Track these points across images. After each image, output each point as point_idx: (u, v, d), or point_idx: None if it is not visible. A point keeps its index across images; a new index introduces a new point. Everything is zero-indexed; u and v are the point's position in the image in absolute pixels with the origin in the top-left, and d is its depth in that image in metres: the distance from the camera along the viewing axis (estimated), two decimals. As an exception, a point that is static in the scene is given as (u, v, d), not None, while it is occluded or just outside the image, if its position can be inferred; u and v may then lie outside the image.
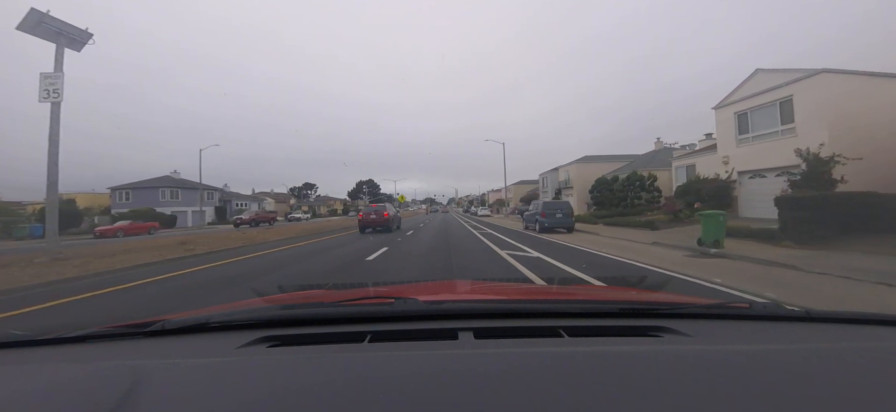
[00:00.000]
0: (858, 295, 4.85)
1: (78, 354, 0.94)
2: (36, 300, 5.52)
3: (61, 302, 5.39)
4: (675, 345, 0.89)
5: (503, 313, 1.13)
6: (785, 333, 1.03)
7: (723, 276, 6.03)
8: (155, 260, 9.49)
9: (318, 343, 0.95)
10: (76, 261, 9.43)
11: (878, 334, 1.04)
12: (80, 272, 7.78)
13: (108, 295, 5.85)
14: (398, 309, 1.10)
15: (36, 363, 0.90)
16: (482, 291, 1.79)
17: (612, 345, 0.90)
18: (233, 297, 5.12)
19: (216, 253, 11.19)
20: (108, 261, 9.49)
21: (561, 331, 0.97)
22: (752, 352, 0.81)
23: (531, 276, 6.49)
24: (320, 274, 7.24)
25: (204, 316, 1.11)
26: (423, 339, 0.93)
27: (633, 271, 6.98)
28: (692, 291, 5.18)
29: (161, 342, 1.00)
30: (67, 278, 7.18)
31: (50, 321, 4.50)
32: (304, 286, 4.30)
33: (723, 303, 1.24)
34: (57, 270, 8.04)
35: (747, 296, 4.83)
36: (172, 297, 5.57)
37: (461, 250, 10.38)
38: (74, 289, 6.28)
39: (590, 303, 1.28)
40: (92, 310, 4.99)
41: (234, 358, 0.84)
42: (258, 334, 0.98)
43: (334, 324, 1.07)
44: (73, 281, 7.06)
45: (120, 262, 9.05)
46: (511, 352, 0.81)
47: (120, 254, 11.14)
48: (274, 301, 1.55)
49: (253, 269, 8.10)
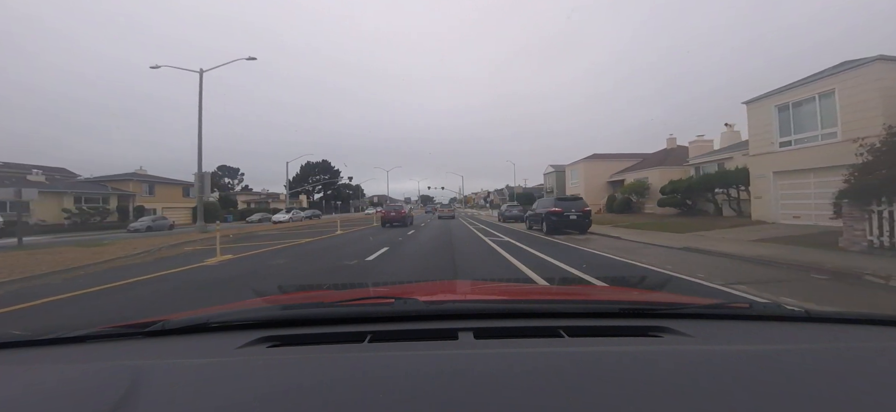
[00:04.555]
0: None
1: (78, 354, 0.94)
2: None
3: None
4: (675, 345, 0.89)
5: (503, 313, 1.13)
6: (785, 333, 1.03)
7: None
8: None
9: (319, 343, 0.95)
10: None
11: (878, 334, 1.03)
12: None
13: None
14: (398, 309, 1.10)
15: (36, 363, 0.90)
16: (482, 291, 1.78)
17: (612, 345, 0.90)
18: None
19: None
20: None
21: (561, 332, 0.96)
22: (752, 352, 0.81)
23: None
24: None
25: (204, 316, 1.11)
26: (423, 339, 0.93)
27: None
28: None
29: (161, 342, 1.00)
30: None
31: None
32: (303, 286, 4.32)
33: (723, 303, 1.24)
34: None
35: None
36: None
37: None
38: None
39: (590, 303, 1.28)
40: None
41: (235, 358, 0.84)
42: (258, 334, 0.97)
43: (334, 325, 1.07)
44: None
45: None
46: (511, 352, 0.81)
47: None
48: (274, 301, 1.55)
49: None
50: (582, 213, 14.49)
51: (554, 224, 14.55)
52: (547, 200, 16.81)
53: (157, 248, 12.52)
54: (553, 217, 14.56)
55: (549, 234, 14.50)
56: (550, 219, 14.64)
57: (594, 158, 37.16)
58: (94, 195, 35.61)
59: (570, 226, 14.46)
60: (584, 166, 36.64)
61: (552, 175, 46.77)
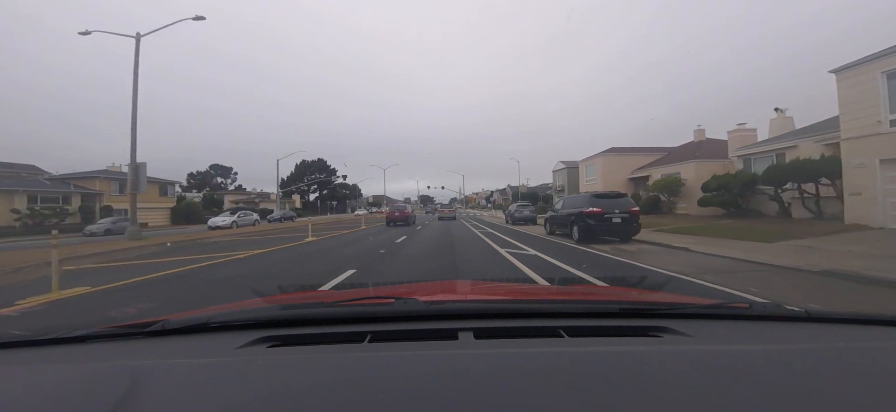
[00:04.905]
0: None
1: (78, 354, 0.94)
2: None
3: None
4: (675, 345, 0.88)
5: (503, 313, 1.13)
6: (785, 333, 1.03)
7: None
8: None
9: (319, 343, 0.95)
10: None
11: (878, 334, 1.03)
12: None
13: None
14: (398, 309, 1.10)
15: (36, 363, 0.89)
16: (482, 291, 1.77)
17: (612, 345, 0.90)
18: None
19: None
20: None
21: (561, 332, 0.96)
22: (752, 352, 0.81)
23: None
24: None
25: (204, 316, 1.10)
26: (423, 339, 0.93)
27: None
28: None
29: (161, 342, 0.99)
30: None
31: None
32: (304, 286, 4.48)
33: (723, 303, 1.23)
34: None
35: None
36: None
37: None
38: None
39: (590, 303, 1.28)
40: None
41: (235, 358, 0.84)
42: (258, 334, 0.97)
43: (334, 325, 1.07)
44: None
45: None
46: (511, 352, 0.81)
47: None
48: (274, 301, 1.56)
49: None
50: (629, 215, 10.95)
51: (591, 229, 11.02)
52: (579, 198, 12.80)
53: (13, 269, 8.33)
54: (591, 220, 10.97)
55: (581, 243, 11.04)
56: (586, 223, 11.05)
57: (613, 153, 32.28)
58: (54, 194, 31.90)
59: (611, 232, 10.97)
60: (603, 161, 31.65)
61: (563, 172, 42.22)
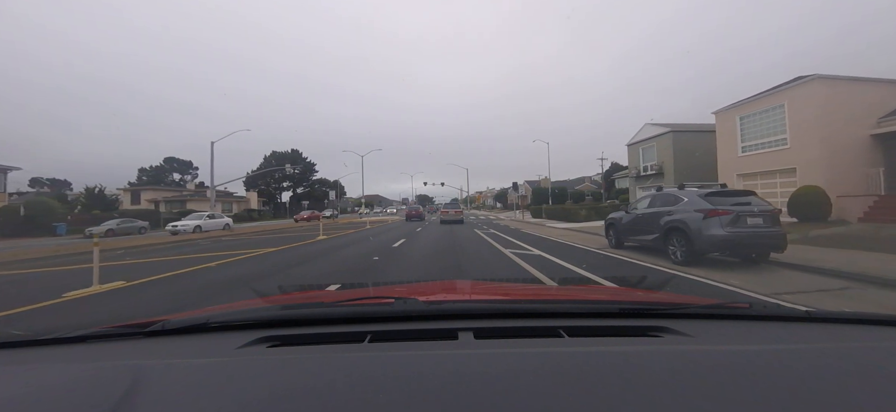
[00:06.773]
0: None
1: (78, 354, 0.93)
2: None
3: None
4: (676, 345, 0.88)
5: (503, 313, 1.13)
6: (785, 333, 1.02)
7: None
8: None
9: (319, 343, 0.95)
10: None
11: (878, 334, 1.02)
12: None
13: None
14: (398, 309, 1.09)
15: (36, 363, 0.89)
16: (482, 291, 1.77)
17: (613, 345, 0.90)
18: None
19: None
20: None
21: (561, 332, 0.96)
22: (752, 352, 0.81)
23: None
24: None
25: (204, 316, 1.10)
26: (423, 339, 0.93)
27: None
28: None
29: (161, 342, 0.99)
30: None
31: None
32: (304, 286, 4.49)
33: (723, 303, 1.23)
34: None
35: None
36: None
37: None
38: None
39: (590, 304, 1.27)
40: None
41: (235, 358, 0.84)
42: (258, 334, 0.97)
43: (334, 325, 1.06)
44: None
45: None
46: (511, 352, 0.81)
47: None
48: (274, 301, 1.55)
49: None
50: (771, 217, 6.92)
51: (719, 243, 6.71)
52: (681, 195, 7.82)
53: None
54: (718, 228, 6.72)
55: (687, 264, 6.99)
56: (712, 235, 6.72)
57: (826, 82, 14.28)
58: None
59: (750, 246, 6.87)
60: (808, 93, 14.41)
61: (666, 137, 22.69)
